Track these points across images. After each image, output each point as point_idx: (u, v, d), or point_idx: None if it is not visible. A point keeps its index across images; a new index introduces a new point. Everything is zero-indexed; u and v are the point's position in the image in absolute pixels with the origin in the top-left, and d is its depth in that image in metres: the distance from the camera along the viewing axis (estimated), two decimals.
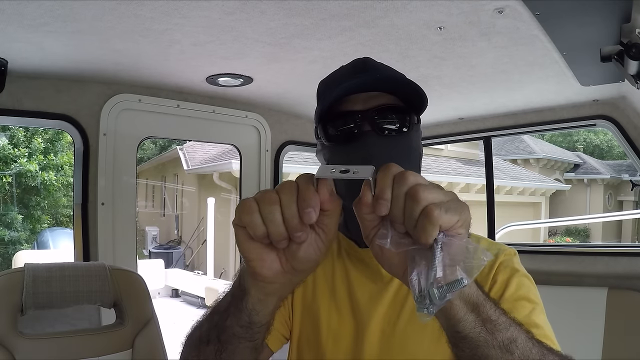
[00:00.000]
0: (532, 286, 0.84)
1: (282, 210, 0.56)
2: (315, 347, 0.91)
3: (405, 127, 0.87)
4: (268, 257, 0.61)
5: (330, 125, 0.89)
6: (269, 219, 0.56)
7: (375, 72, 0.92)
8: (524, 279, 0.84)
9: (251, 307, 0.66)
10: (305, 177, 0.58)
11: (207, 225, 10.23)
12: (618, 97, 1.99)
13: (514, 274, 0.84)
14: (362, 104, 0.85)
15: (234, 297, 0.69)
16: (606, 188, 17.84)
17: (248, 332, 0.68)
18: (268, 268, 0.61)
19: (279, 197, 0.56)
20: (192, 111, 2.16)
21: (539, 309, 0.81)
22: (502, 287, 0.82)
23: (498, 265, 0.85)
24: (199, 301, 8.59)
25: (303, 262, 0.61)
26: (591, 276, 2.15)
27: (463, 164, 12.90)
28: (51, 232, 9.92)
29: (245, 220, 0.57)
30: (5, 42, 1.44)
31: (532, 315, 0.78)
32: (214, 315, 0.74)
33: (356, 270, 0.92)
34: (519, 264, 0.87)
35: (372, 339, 0.86)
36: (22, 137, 10.14)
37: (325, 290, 0.93)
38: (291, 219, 0.56)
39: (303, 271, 0.64)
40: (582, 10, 1.17)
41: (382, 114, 0.85)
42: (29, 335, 1.32)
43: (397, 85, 0.87)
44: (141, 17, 1.28)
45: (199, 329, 0.77)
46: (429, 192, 0.52)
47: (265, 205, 0.56)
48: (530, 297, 0.81)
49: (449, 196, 0.54)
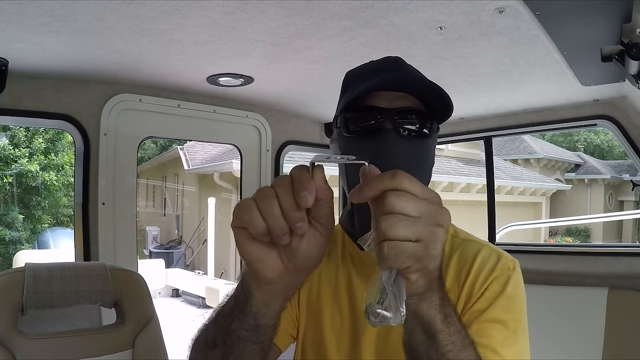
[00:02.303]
0: (517, 309, 0.81)
1: (280, 202, 0.55)
2: (318, 348, 0.91)
3: (425, 132, 0.88)
4: (269, 256, 0.60)
5: (352, 117, 0.89)
6: (268, 213, 0.55)
7: (407, 72, 0.92)
8: (512, 301, 0.81)
9: (256, 310, 0.66)
10: (298, 167, 0.57)
11: (207, 225, 10.23)
12: (619, 97, 1.99)
13: (502, 294, 0.81)
14: (387, 102, 0.86)
15: (238, 301, 0.68)
16: (607, 188, 17.84)
17: (254, 335, 0.68)
18: (270, 268, 0.60)
19: (275, 191, 0.56)
20: (193, 111, 2.16)
21: (514, 337, 0.78)
22: (487, 304, 0.80)
23: (492, 280, 0.83)
24: (199, 301, 8.60)
25: (305, 259, 0.60)
26: (592, 276, 2.15)
27: (464, 164, 12.90)
28: (52, 232, 9.93)
29: (244, 219, 0.56)
30: (5, 42, 1.45)
31: (500, 345, 0.76)
32: (219, 318, 0.73)
33: (358, 272, 0.93)
34: (515, 281, 0.83)
35: (369, 341, 0.87)
36: (23, 137, 10.15)
37: (328, 292, 0.94)
38: (289, 211, 0.55)
39: (305, 269, 0.63)
40: (582, 10, 1.17)
41: (404, 115, 0.86)
42: (29, 335, 1.32)
43: (426, 90, 0.86)
44: (142, 17, 1.28)
45: (205, 332, 0.76)
46: (391, 227, 0.51)
47: (263, 200, 0.56)
48: (509, 323, 0.79)
49: (421, 234, 0.52)
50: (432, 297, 0.60)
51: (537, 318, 1.02)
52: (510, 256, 0.88)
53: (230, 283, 7.39)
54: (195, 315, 7.48)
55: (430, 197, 0.54)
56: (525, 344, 0.80)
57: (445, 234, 0.54)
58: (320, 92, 2.03)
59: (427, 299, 0.60)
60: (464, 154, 13.27)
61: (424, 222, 0.53)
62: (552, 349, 2.09)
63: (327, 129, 2.64)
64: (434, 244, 0.54)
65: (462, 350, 0.63)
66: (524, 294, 0.85)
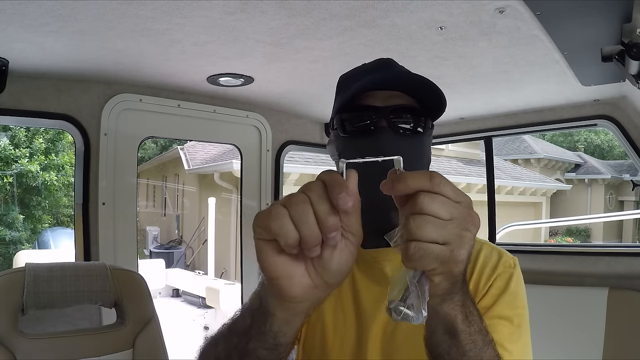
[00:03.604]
0: (520, 305, 0.83)
1: (314, 208, 0.50)
2: (321, 348, 0.91)
3: (420, 129, 0.88)
4: (297, 271, 0.54)
5: (348, 117, 0.90)
6: (303, 220, 0.50)
7: (399, 71, 0.93)
8: (515, 297, 0.83)
9: (277, 330, 0.61)
10: (328, 171, 0.53)
11: (207, 225, 10.22)
12: (619, 97, 1.99)
13: (506, 290, 0.83)
14: (381, 101, 0.86)
15: (255, 320, 0.63)
16: (607, 188, 17.83)
17: (274, 354, 0.64)
18: (297, 285, 0.55)
19: (307, 197, 0.51)
20: (193, 111, 2.16)
21: (518, 333, 0.80)
22: (492, 301, 0.82)
23: (495, 277, 0.85)
24: (199, 301, 8.58)
25: (336, 272, 0.55)
26: (592, 276, 2.15)
27: (464, 164, 12.89)
28: (52, 232, 9.92)
29: (274, 228, 0.50)
30: (6, 42, 1.45)
31: (507, 340, 0.78)
32: (232, 336, 0.69)
33: (361, 271, 0.92)
34: (516, 278, 0.86)
35: (375, 341, 0.86)
36: (23, 137, 10.16)
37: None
38: (325, 218, 0.50)
39: (335, 284, 0.57)
40: (583, 10, 1.17)
41: (399, 113, 0.87)
42: (29, 335, 1.32)
43: (419, 87, 0.87)
44: (142, 17, 1.28)
45: (215, 348, 0.72)
46: (419, 228, 0.50)
47: (296, 206, 0.50)
48: (514, 319, 0.81)
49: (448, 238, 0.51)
50: (454, 297, 0.60)
51: (537, 318, 1.02)
52: (509, 254, 0.90)
53: (230, 283, 7.38)
54: (196, 315, 7.47)
55: (463, 200, 0.53)
56: (528, 339, 0.82)
57: (473, 239, 0.53)
58: (321, 92, 2.03)
59: (449, 299, 0.59)
60: (464, 154, 13.27)
61: (453, 226, 0.51)
62: (552, 349, 2.09)
63: (327, 129, 2.64)
64: (461, 249, 0.52)
65: (482, 349, 0.64)
66: (524, 290, 0.86)
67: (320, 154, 3.03)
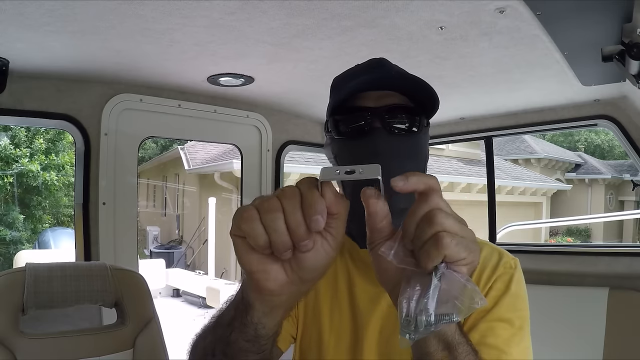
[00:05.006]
0: (521, 307, 0.83)
1: (286, 218, 0.51)
2: (317, 347, 0.91)
3: (414, 128, 0.88)
4: (272, 268, 0.55)
5: (341, 119, 0.89)
6: (272, 227, 0.51)
7: (391, 71, 0.92)
8: (516, 299, 0.83)
9: (257, 321, 0.62)
10: (307, 181, 0.54)
11: (208, 225, 10.24)
12: (619, 97, 1.99)
13: (507, 292, 0.82)
14: (374, 101, 0.86)
15: (238, 311, 0.65)
16: (607, 188, 17.82)
17: (255, 346, 0.65)
18: (273, 280, 0.56)
19: (281, 204, 0.52)
20: (194, 111, 2.16)
21: (519, 335, 0.79)
22: (492, 303, 0.81)
23: (495, 278, 0.84)
24: (200, 301, 8.60)
25: (311, 270, 0.56)
26: (592, 276, 2.15)
27: (464, 164, 12.89)
28: (52, 231, 9.93)
29: (245, 230, 0.52)
30: (6, 42, 1.45)
31: (506, 343, 0.77)
32: (217, 328, 0.70)
33: (357, 271, 0.92)
34: (517, 279, 0.85)
35: (371, 340, 0.86)
36: (24, 137, 10.16)
37: (327, 289, 0.93)
38: (296, 228, 0.51)
39: (311, 280, 0.59)
40: (583, 10, 1.17)
41: (393, 113, 0.86)
42: (30, 335, 1.32)
43: (412, 86, 0.87)
44: (142, 17, 1.28)
45: (203, 340, 0.74)
46: (446, 218, 0.51)
47: (267, 213, 0.51)
48: (515, 321, 0.80)
49: (466, 232, 0.53)
50: None
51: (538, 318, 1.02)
52: (510, 254, 0.89)
53: (230, 283, 7.39)
54: (196, 315, 7.49)
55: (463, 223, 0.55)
56: (529, 341, 0.81)
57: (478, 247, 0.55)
58: (321, 92, 2.03)
59: None
60: (465, 154, 13.27)
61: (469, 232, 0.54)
62: (553, 349, 2.09)
63: None
64: (475, 242, 0.54)
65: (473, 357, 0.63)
66: (526, 292, 0.86)
67: (321, 154, 3.03)
